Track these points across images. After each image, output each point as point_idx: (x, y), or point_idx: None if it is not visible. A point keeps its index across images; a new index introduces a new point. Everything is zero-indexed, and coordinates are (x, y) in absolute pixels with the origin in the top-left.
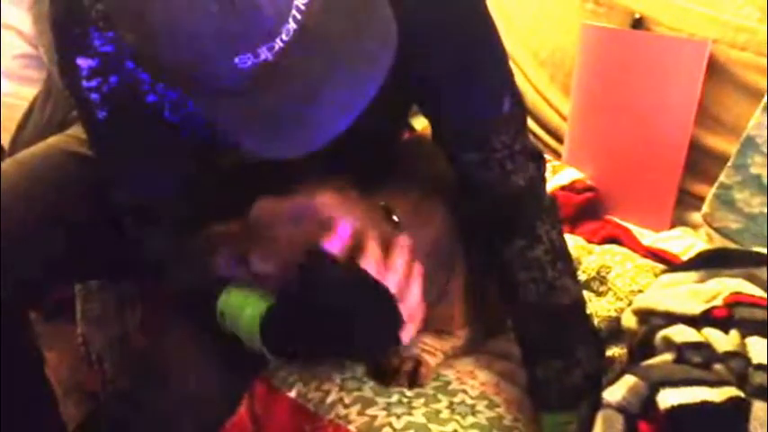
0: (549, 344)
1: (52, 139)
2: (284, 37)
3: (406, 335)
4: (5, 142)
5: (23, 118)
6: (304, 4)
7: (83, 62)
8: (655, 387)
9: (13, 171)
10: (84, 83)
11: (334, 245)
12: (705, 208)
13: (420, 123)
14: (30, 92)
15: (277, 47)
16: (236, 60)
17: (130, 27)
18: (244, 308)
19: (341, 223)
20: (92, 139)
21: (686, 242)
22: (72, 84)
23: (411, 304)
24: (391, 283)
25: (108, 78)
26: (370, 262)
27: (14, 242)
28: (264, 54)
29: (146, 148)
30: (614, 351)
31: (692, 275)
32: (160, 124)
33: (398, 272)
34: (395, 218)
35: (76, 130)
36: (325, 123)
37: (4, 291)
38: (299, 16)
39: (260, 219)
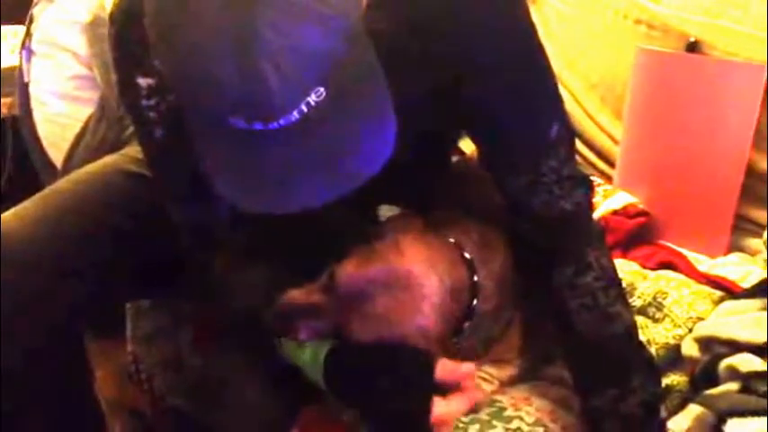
0: (603, 372)
1: (107, 158)
2: (281, 122)
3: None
4: (58, 161)
5: (76, 138)
6: (315, 102)
7: (142, 81)
8: (721, 417)
9: (68, 189)
10: (144, 101)
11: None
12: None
13: (469, 146)
14: (83, 112)
15: (270, 126)
16: (229, 119)
17: (159, 37)
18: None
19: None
20: (149, 157)
21: (744, 268)
22: (132, 102)
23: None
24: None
25: (165, 97)
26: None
27: (70, 261)
28: (257, 125)
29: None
30: (673, 379)
31: (756, 303)
32: None
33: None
34: (467, 255)
35: (131, 150)
36: (293, 196)
37: (59, 311)
38: (305, 110)
39: (349, 289)
